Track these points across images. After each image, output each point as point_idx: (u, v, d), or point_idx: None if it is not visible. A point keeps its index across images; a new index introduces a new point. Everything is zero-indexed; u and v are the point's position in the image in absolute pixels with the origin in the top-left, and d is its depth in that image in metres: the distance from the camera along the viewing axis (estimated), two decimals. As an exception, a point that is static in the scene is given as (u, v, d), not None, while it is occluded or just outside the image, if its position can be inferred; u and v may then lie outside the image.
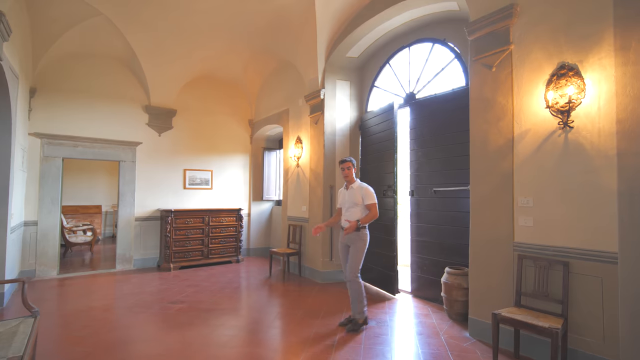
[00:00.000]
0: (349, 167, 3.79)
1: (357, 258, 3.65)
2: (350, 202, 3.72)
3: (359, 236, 3.66)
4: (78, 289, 5.16)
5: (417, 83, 4.90)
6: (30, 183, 5.70)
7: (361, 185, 3.74)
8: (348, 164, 3.79)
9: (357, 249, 3.65)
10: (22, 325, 2.50)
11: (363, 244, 3.66)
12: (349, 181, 3.81)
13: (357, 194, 3.69)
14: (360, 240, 3.65)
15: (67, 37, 5.61)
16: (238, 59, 6.86)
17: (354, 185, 3.77)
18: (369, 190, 3.68)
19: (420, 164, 4.74)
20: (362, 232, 3.67)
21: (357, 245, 3.65)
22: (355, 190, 3.73)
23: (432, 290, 4.49)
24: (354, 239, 3.66)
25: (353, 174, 3.81)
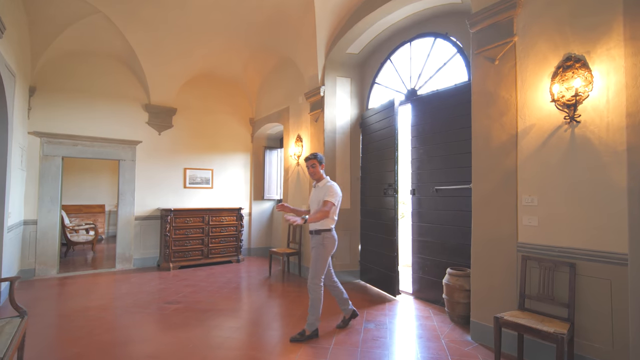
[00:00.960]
0: (313, 164, 3.49)
1: (317, 264, 3.35)
2: (316, 201, 3.47)
3: (319, 241, 3.38)
4: (76, 288, 5.12)
5: (419, 79, 4.77)
6: (29, 182, 5.68)
7: (327, 184, 3.47)
8: (312, 161, 3.50)
9: (318, 254, 3.36)
10: (8, 326, 2.44)
11: (323, 249, 3.35)
12: (316, 179, 3.56)
13: (322, 193, 3.43)
14: (321, 245, 3.36)
15: (66, 36, 5.58)
16: (238, 56, 6.79)
17: (320, 184, 3.52)
18: (332, 189, 3.38)
19: (421, 162, 4.62)
20: (323, 235, 3.37)
21: (317, 250, 3.37)
22: (321, 188, 3.48)
23: (434, 291, 4.37)
24: (315, 243, 3.39)
25: (320, 171, 3.52)
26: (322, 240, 3.36)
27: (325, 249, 3.35)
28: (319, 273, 3.35)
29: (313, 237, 3.43)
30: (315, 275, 3.35)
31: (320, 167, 3.51)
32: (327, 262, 3.39)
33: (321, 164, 3.52)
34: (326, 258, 3.37)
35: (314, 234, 3.43)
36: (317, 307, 3.34)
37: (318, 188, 3.51)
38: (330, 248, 3.39)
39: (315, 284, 3.34)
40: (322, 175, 3.54)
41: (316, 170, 3.49)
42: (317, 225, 3.39)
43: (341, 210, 5.48)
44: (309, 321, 3.35)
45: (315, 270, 3.35)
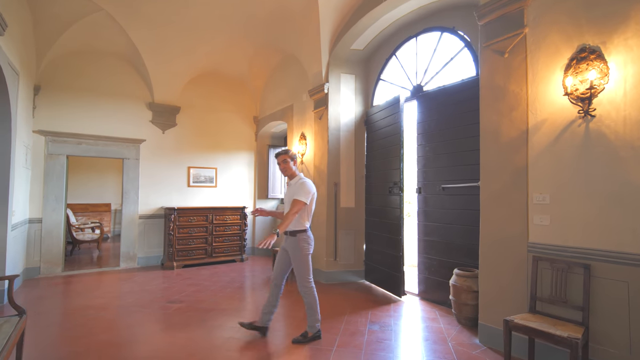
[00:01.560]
0: (284, 160, 3.30)
1: (301, 268, 3.20)
2: (288, 200, 3.29)
3: (296, 243, 3.19)
4: (79, 286, 5.10)
5: (425, 74, 4.66)
6: (34, 180, 5.69)
7: (299, 180, 3.27)
8: (283, 157, 3.31)
9: (297, 260, 3.20)
10: (5, 326, 2.39)
11: (300, 253, 3.18)
12: (288, 176, 3.38)
13: (294, 190, 3.23)
14: (297, 249, 3.19)
15: (70, 35, 5.56)
16: (242, 54, 6.73)
17: (293, 181, 3.33)
18: (304, 186, 3.18)
19: (427, 159, 4.51)
20: (299, 237, 3.19)
21: (295, 255, 3.21)
22: (294, 186, 3.26)
23: (441, 292, 4.26)
24: (292, 247, 3.23)
25: (292, 168, 3.34)
26: (298, 243, 3.19)
27: (302, 251, 3.19)
28: (306, 274, 3.21)
29: (288, 238, 3.26)
30: (303, 277, 3.20)
31: (292, 164, 3.34)
32: (310, 261, 3.24)
33: (293, 160, 3.35)
34: (308, 258, 3.22)
35: (288, 235, 3.25)
36: (315, 308, 3.24)
37: (291, 186, 3.32)
38: (308, 248, 3.22)
39: (306, 287, 3.21)
40: (295, 172, 3.37)
41: (287, 167, 3.31)
42: (292, 226, 3.21)
43: (345, 209, 5.42)
44: (309, 323, 3.26)
45: (301, 273, 3.20)
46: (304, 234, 3.22)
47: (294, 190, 3.22)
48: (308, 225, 3.27)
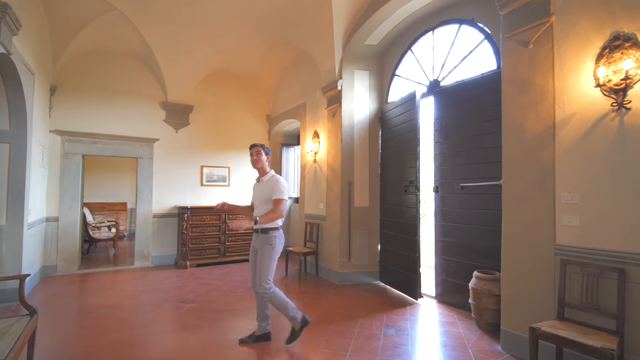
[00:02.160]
0: (257, 151, 3.16)
1: (265, 266, 3.00)
2: (261, 198, 3.13)
3: (267, 240, 3.05)
4: (94, 285, 5.14)
5: (442, 69, 4.49)
6: (51, 179, 5.77)
7: (273, 177, 3.14)
8: (257, 148, 3.17)
9: (264, 255, 3.03)
10: (16, 325, 2.38)
11: (271, 249, 3.03)
12: (258, 168, 3.20)
13: (267, 188, 3.10)
14: (268, 244, 3.04)
15: (84, 35, 5.61)
16: (254, 52, 6.67)
17: (265, 178, 3.17)
18: (279, 184, 3.06)
19: (445, 157, 4.34)
20: (271, 234, 3.06)
21: (264, 251, 3.04)
22: (267, 183, 3.13)
23: (459, 295, 4.09)
24: (262, 243, 3.07)
25: (265, 163, 3.19)
26: (270, 240, 3.04)
27: (274, 249, 3.04)
28: (267, 273, 3.01)
29: (258, 236, 3.10)
30: (264, 276, 2.99)
31: (265, 159, 3.20)
32: (275, 263, 3.08)
33: (267, 156, 3.21)
34: (275, 259, 3.06)
35: (259, 233, 3.08)
36: (284, 304, 3.05)
37: (262, 183, 3.17)
38: (279, 248, 3.08)
39: (263, 287, 2.98)
40: (266, 167, 3.21)
41: (259, 159, 3.15)
42: (265, 223, 3.04)
43: (360, 209, 5.30)
44: (289, 318, 3.11)
45: (264, 273, 3.00)
46: (276, 231, 3.09)
47: (268, 188, 3.08)
48: (280, 224, 3.14)
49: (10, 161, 4.26)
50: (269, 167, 3.25)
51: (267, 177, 3.17)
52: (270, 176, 3.17)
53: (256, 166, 3.18)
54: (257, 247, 3.12)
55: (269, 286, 2.99)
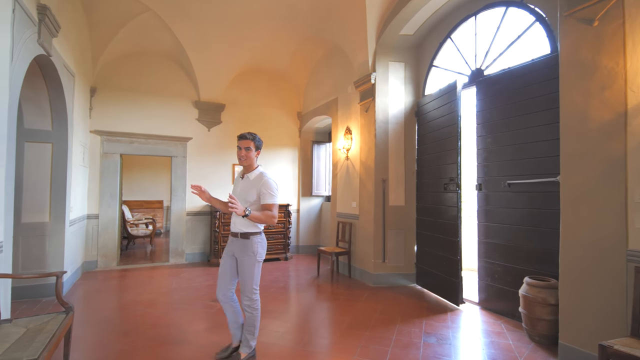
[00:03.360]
0: (247, 146, 2.64)
1: (249, 275, 2.62)
2: (243, 197, 2.65)
3: (249, 247, 2.62)
4: (131, 281, 5.25)
5: (486, 57, 4.15)
6: (92, 178, 5.98)
7: (262, 176, 2.67)
8: (247, 142, 2.65)
9: (247, 264, 2.62)
10: (52, 323, 2.38)
11: (254, 257, 2.63)
12: (246, 167, 2.74)
13: (252, 187, 2.64)
14: (252, 253, 2.63)
15: (121, 37, 5.75)
16: (284, 48, 6.58)
17: (252, 175, 2.70)
18: (269, 185, 2.62)
19: (489, 152, 4.00)
20: (253, 240, 2.63)
21: (246, 260, 2.63)
22: (253, 181, 2.67)
23: (506, 302, 3.76)
24: (242, 250, 2.63)
25: (254, 159, 2.71)
26: (253, 247, 2.63)
27: (257, 256, 2.65)
28: (254, 283, 2.65)
29: (237, 241, 2.66)
30: (250, 287, 2.63)
31: (256, 154, 2.71)
32: (260, 270, 2.71)
33: (257, 150, 2.72)
34: (259, 265, 2.69)
35: (239, 238, 2.65)
36: (256, 324, 2.71)
37: (247, 180, 2.70)
38: (262, 254, 2.70)
39: (251, 299, 2.64)
40: (254, 163, 2.73)
41: (249, 155, 2.66)
42: (246, 227, 2.63)
43: (395, 207, 5.05)
44: (244, 342, 2.73)
45: (250, 281, 2.63)
46: (259, 236, 2.68)
47: (255, 187, 2.63)
48: (262, 228, 2.76)
49: (52, 160, 4.41)
50: (257, 162, 2.78)
51: (254, 174, 2.70)
52: (258, 174, 2.70)
53: (245, 163, 2.70)
54: (235, 254, 2.68)
55: (256, 297, 2.66)
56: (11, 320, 2.40)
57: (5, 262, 2.72)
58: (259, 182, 2.64)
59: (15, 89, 2.87)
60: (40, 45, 3.39)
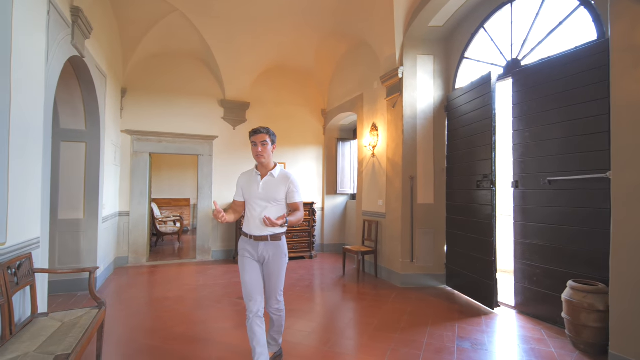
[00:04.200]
0: (263, 140, 2.41)
1: (281, 278, 2.52)
2: (268, 197, 2.44)
3: (281, 248, 2.50)
4: (160, 277, 5.36)
5: (523, 46, 3.91)
6: (123, 176, 6.15)
7: (287, 174, 2.51)
8: (263, 137, 2.41)
9: (280, 267, 2.49)
10: (85, 318, 2.43)
11: (284, 259, 2.52)
12: (264, 164, 2.48)
13: (281, 185, 2.46)
14: (283, 254, 2.51)
15: (150, 38, 5.86)
16: (309, 44, 6.51)
17: (276, 172, 2.50)
18: (295, 182, 2.50)
19: (527, 147, 3.77)
20: (283, 241, 2.54)
21: (280, 262, 2.49)
22: (279, 179, 2.48)
23: (546, 307, 3.53)
24: (274, 253, 2.46)
25: (271, 155, 2.51)
26: (284, 248, 2.53)
27: (286, 257, 2.54)
28: (282, 286, 2.56)
29: (268, 244, 2.45)
30: (280, 291, 2.54)
31: (272, 148, 2.49)
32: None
33: (273, 144, 2.50)
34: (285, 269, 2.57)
35: (269, 241, 2.45)
36: (283, 325, 2.69)
37: (272, 179, 2.47)
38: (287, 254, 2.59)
39: (279, 302, 2.55)
40: (272, 160, 2.54)
41: (266, 151, 2.42)
42: (275, 229, 2.44)
43: (423, 206, 4.88)
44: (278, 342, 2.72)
45: (279, 285, 2.52)
46: (284, 236, 2.57)
47: (282, 185, 2.46)
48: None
49: (86, 159, 4.56)
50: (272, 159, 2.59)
51: (279, 172, 2.51)
52: (284, 171, 2.53)
53: (261, 160, 2.45)
54: (265, 258, 2.46)
55: (281, 300, 2.57)
56: (47, 314, 2.47)
57: (42, 257, 2.80)
58: (287, 180, 2.48)
59: (50, 90, 2.95)
60: (73, 47, 3.48)
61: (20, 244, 2.37)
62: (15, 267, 2.28)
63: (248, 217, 2.49)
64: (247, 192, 2.51)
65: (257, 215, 2.42)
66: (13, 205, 2.27)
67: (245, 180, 2.56)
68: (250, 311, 2.37)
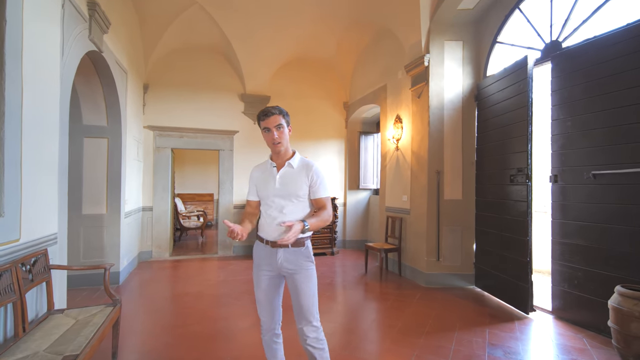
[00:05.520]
0: (278, 124, 1.92)
1: (312, 294, 1.95)
2: (287, 193, 1.95)
3: (306, 256, 1.97)
4: (182, 272, 5.39)
5: (564, 27, 3.55)
6: (146, 172, 6.22)
7: (308, 163, 2.01)
8: (276, 119, 1.91)
9: (306, 279, 1.94)
10: (98, 316, 2.39)
11: (311, 268, 1.98)
12: (281, 153, 2.00)
13: (301, 177, 1.96)
14: (309, 262, 1.97)
15: (170, 33, 5.86)
16: (330, 34, 6.30)
17: (295, 162, 2.00)
18: (322, 174, 2.01)
19: (568, 138, 3.43)
20: (308, 246, 1.99)
21: (307, 273, 1.95)
22: (299, 170, 1.98)
23: (589, 313, 3.21)
24: (296, 263, 1.94)
25: (288, 140, 2.02)
26: (310, 254, 1.99)
27: (312, 266, 2.00)
28: (316, 307, 1.97)
29: (288, 252, 1.94)
30: (313, 313, 1.94)
31: (289, 131, 2.00)
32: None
33: (289, 126, 2.01)
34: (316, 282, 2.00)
35: (289, 247, 1.93)
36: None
37: (290, 169, 1.98)
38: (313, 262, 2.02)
39: (316, 328, 1.93)
40: (289, 146, 2.05)
41: (283, 135, 1.94)
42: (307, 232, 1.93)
43: (450, 202, 4.61)
44: None
45: (311, 305, 1.94)
46: (309, 240, 2.02)
47: (303, 176, 1.96)
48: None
49: (108, 155, 4.59)
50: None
51: (297, 161, 2.01)
52: (305, 163, 2.01)
53: (279, 148, 1.96)
54: (286, 269, 1.95)
55: (319, 325, 1.95)
56: (63, 311, 2.45)
57: (60, 253, 2.79)
58: (309, 170, 1.96)
59: (66, 84, 2.92)
60: (91, 41, 3.45)
61: (35, 240, 2.36)
62: (30, 263, 2.26)
63: (264, 218, 2.02)
64: (261, 188, 2.04)
65: (275, 216, 1.93)
66: (27, 201, 2.24)
67: (259, 175, 2.09)
68: (265, 328, 2.06)
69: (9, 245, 2.06)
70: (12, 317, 2.07)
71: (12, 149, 2.07)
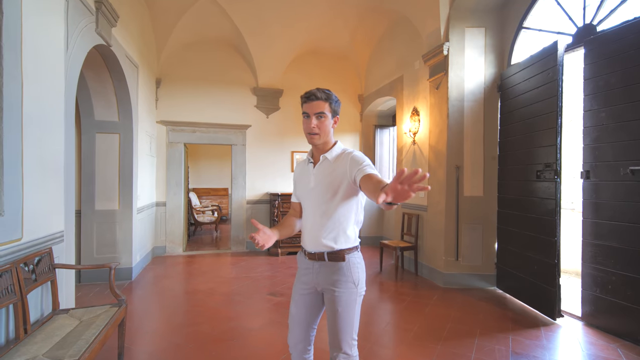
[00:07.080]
0: (320, 112, 1.58)
1: (349, 321, 1.59)
2: (323, 191, 1.62)
3: (343, 274, 1.60)
4: (194, 268, 5.36)
5: (599, 10, 3.24)
6: (159, 167, 6.21)
7: (345, 151, 1.63)
8: (320, 105, 1.58)
9: (344, 303, 1.58)
10: (103, 316, 2.33)
11: (353, 292, 1.60)
12: (319, 147, 1.66)
13: (338, 170, 1.59)
14: (348, 284, 1.59)
15: (181, 27, 5.77)
16: (343, 25, 6.08)
17: (331, 154, 1.64)
18: (361, 156, 1.58)
19: (603, 130, 3.15)
20: (349, 262, 1.62)
21: (347, 295, 1.59)
22: (335, 162, 1.62)
23: (624, 321, 2.96)
24: (333, 281, 1.60)
25: (331, 131, 1.65)
26: (353, 273, 1.61)
27: (358, 288, 1.62)
28: (354, 332, 1.61)
29: (324, 266, 1.63)
30: (350, 338, 1.59)
31: (332, 122, 1.64)
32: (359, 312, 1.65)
33: (335, 116, 1.64)
34: (360, 302, 1.64)
35: (325, 261, 1.62)
36: None
37: (326, 163, 1.63)
38: (363, 283, 1.66)
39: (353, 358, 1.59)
40: (331, 138, 1.67)
41: (324, 126, 1.60)
42: (335, 239, 1.61)
43: (471, 198, 4.38)
44: None
45: (351, 331, 1.59)
46: (357, 254, 1.68)
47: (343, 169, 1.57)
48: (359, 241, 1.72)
49: (120, 150, 4.56)
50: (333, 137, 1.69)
51: (335, 152, 1.64)
52: (342, 152, 1.64)
53: (315, 141, 1.61)
54: (322, 286, 1.64)
55: (356, 351, 1.62)
56: (68, 311, 2.40)
57: (67, 251, 2.75)
58: (345, 160, 1.58)
59: (72, 79, 2.86)
60: (98, 35, 3.38)
61: (38, 239, 2.30)
62: (33, 263, 2.21)
63: (302, 223, 1.76)
64: (299, 188, 1.77)
65: (311, 221, 1.65)
66: (29, 199, 2.18)
67: (298, 172, 1.81)
68: (292, 348, 1.75)
69: (10, 245, 2.00)
70: (14, 319, 2.02)
71: (12, 146, 2.01)
